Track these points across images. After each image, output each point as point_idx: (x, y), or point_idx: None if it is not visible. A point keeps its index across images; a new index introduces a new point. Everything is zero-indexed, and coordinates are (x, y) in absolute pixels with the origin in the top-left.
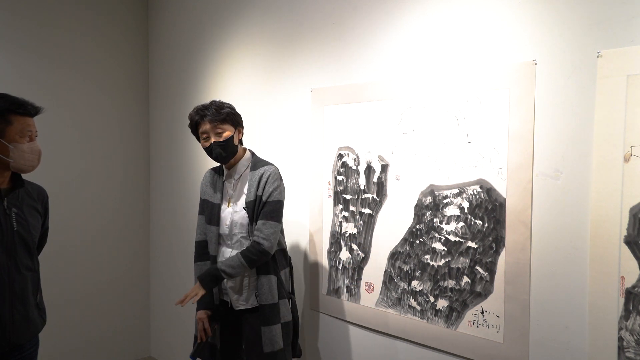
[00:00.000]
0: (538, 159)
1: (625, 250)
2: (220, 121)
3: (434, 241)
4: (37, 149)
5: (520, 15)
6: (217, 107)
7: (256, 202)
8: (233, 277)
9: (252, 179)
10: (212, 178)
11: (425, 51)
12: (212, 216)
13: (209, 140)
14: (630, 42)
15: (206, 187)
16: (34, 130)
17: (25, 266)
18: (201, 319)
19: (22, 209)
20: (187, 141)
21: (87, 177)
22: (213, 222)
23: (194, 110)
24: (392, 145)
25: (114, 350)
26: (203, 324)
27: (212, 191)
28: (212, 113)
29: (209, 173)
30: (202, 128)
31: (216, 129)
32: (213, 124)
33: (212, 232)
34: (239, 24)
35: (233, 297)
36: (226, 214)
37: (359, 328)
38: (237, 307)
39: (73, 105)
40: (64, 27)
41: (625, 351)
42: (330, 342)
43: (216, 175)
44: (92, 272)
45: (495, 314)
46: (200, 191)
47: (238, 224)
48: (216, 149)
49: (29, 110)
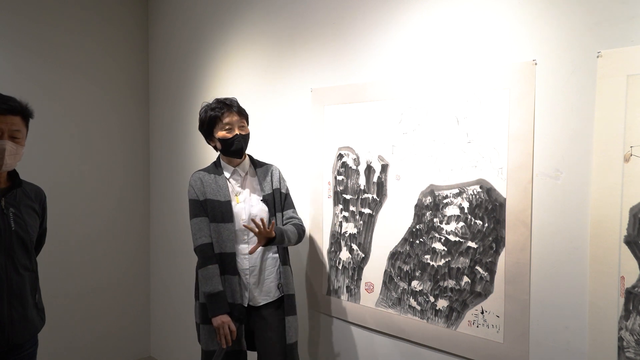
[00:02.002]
0: (538, 159)
1: (625, 250)
2: (244, 117)
3: (434, 241)
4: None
5: (520, 15)
6: (240, 105)
7: (274, 195)
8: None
9: (264, 175)
10: (210, 178)
11: (425, 51)
12: (224, 213)
13: (233, 132)
14: (630, 42)
15: (204, 187)
16: (4, 128)
17: (23, 266)
18: (224, 322)
19: (19, 209)
20: (187, 141)
21: (87, 177)
22: (227, 219)
23: (216, 101)
24: (392, 145)
25: (114, 350)
26: (229, 327)
27: (215, 190)
28: (238, 106)
29: (201, 174)
30: (228, 119)
31: (240, 122)
32: (240, 117)
33: (227, 230)
34: (239, 24)
35: (255, 293)
36: (239, 209)
37: (359, 328)
38: (258, 304)
39: (73, 105)
40: (64, 27)
41: (625, 351)
42: (330, 342)
43: (213, 175)
44: (92, 271)
45: (495, 314)
46: (195, 192)
47: (257, 217)
48: (240, 141)
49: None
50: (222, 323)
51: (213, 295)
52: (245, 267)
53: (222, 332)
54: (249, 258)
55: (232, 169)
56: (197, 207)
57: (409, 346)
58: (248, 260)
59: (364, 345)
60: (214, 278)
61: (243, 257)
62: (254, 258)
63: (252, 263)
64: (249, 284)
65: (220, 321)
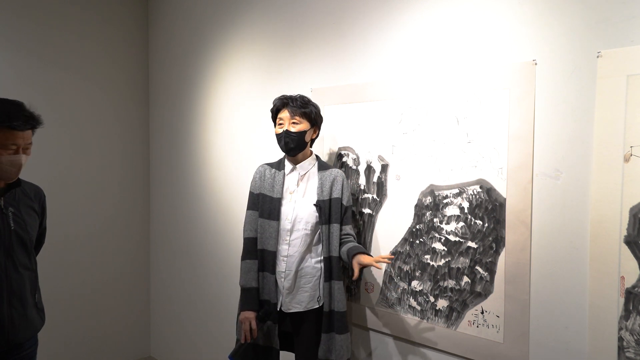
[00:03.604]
0: (538, 159)
1: (625, 250)
2: (300, 114)
3: (434, 241)
4: (19, 163)
5: (520, 15)
6: (303, 101)
7: (332, 204)
8: None
9: (325, 179)
10: (270, 172)
11: (425, 51)
12: (271, 210)
13: (283, 127)
14: (630, 42)
15: (262, 182)
16: (21, 143)
17: (23, 265)
18: (248, 318)
19: (19, 208)
20: (187, 141)
21: (87, 177)
22: (273, 217)
23: (280, 96)
24: (392, 145)
25: (114, 350)
26: (250, 324)
27: (270, 185)
28: (296, 104)
29: (264, 167)
30: (281, 114)
31: (294, 119)
32: (292, 113)
33: (271, 227)
34: (239, 24)
35: (287, 299)
36: (287, 209)
37: (358, 328)
38: (289, 310)
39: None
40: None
41: (625, 351)
42: None
43: (274, 170)
44: (92, 271)
45: (495, 314)
46: (254, 185)
47: (303, 220)
48: (286, 137)
49: (15, 125)
50: (245, 319)
51: (245, 290)
52: (281, 270)
53: (244, 328)
54: (286, 261)
55: (292, 167)
56: (252, 199)
57: (409, 346)
58: (285, 263)
59: (363, 345)
60: (250, 273)
61: (282, 258)
62: (291, 262)
63: (288, 267)
64: (283, 287)
65: (244, 316)
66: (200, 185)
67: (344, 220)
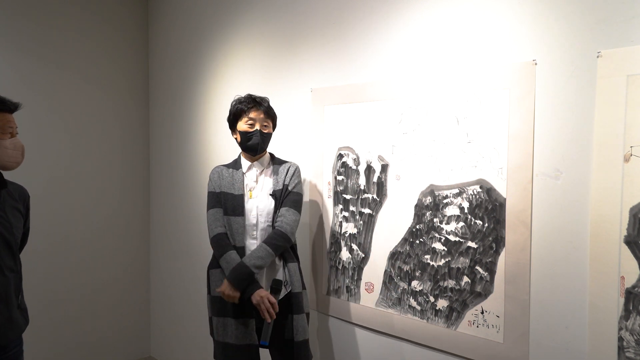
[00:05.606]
0: (538, 159)
1: (625, 250)
2: (271, 117)
3: (434, 241)
4: (20, 145)
5: (520, 15)
6: (269, 104)
7: (282, 191)
8: (263, 267)
9: (280, 171)
10: (227, 172)
11: (425, 51)
12: (235, 207)
13: (254, 127)
14: (630, 42)
15: (220, 180)
16: (14, 127)
17: (8, 268)
18: (262, 297)
19: (4, 210)
20: (187, 141)
21: (87, 178)
22: (238, 213)
23: (248, 96)
24: (392, 145)
25: (114, 350)
26: (269, 300)
27: (230, 183)
28: (267, 107)
29: (220, 168)
30: (253, 114)
31: (265, 121)
32: (266, 116)
33: (237, 224)
34: (238, 24)
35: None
36: (251, 205)
37: (358, 328)
38: None
39: (73, 105)
40: (63, 27)
41: (625, 351)
42: (329, 342)
43: (231, 169)
44: (92, 271)
45: (495, 314)
46: (213, 185)
47: (264, 213)
48: (258, 137)
49: (8, 106)
50: (260, 298)
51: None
52: None
53: (263, 307)
54: None
55: (249, 164)
56: (213, 199)
57: (409, 346)
58: None
59: (363, 345)
60: (236, 260)
61: None
62: None
63: None
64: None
65: (258, 296)
66: (200, 186)
67: (284, 202)
